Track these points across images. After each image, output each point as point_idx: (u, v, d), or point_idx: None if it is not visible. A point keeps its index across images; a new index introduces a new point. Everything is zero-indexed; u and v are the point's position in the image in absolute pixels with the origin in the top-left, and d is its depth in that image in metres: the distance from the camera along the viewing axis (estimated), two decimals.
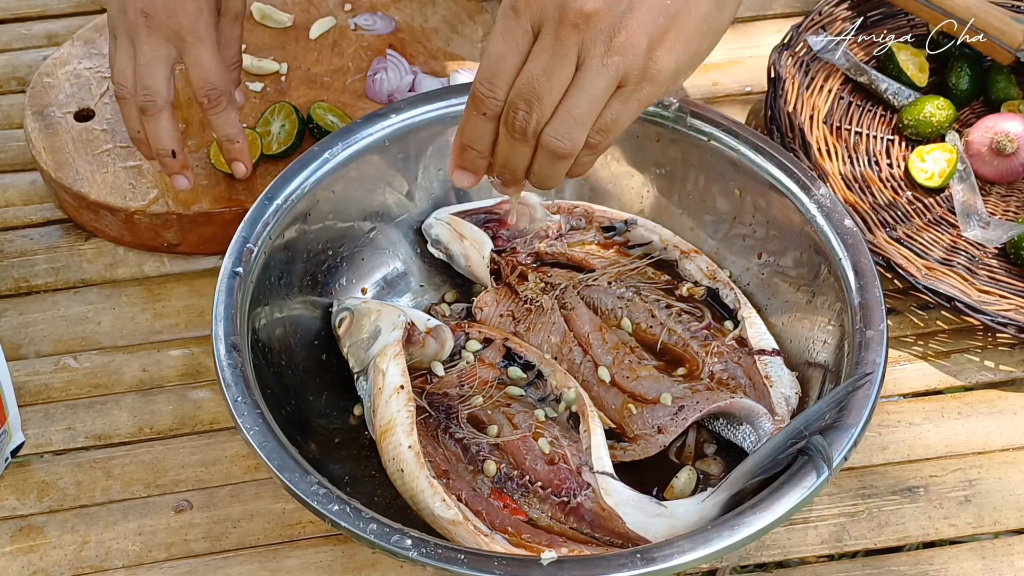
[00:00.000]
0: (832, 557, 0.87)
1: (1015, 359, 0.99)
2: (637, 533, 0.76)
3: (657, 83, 0.70)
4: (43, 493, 0.90)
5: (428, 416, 0.83)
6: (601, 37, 0.67)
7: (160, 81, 0.93)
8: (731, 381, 0.86)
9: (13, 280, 1.05)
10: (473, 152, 0.75)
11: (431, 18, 1.22)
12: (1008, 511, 0.89)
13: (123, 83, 0.94)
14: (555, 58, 0.68)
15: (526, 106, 0.70)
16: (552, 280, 0.93)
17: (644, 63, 0.68)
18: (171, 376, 0.98)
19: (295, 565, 0.86)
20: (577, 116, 0.70)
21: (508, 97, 0.71)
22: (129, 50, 0.93)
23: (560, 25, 0.68)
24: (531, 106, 0.70)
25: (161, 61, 0.93)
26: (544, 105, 0.70)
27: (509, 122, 0.71)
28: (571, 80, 0.69)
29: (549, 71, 0.69)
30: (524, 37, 0.69)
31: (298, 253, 0.92)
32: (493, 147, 0.74)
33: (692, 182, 0.97)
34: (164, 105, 0.93)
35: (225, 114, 0.96)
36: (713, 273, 0.94)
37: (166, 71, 0.93)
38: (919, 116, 1.10)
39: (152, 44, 0.92)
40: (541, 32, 0.69)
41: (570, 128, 0.70)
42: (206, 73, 0.94)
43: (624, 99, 0.70)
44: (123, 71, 0.94)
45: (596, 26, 0.67)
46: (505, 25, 0.70)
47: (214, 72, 0.94)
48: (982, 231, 1.05)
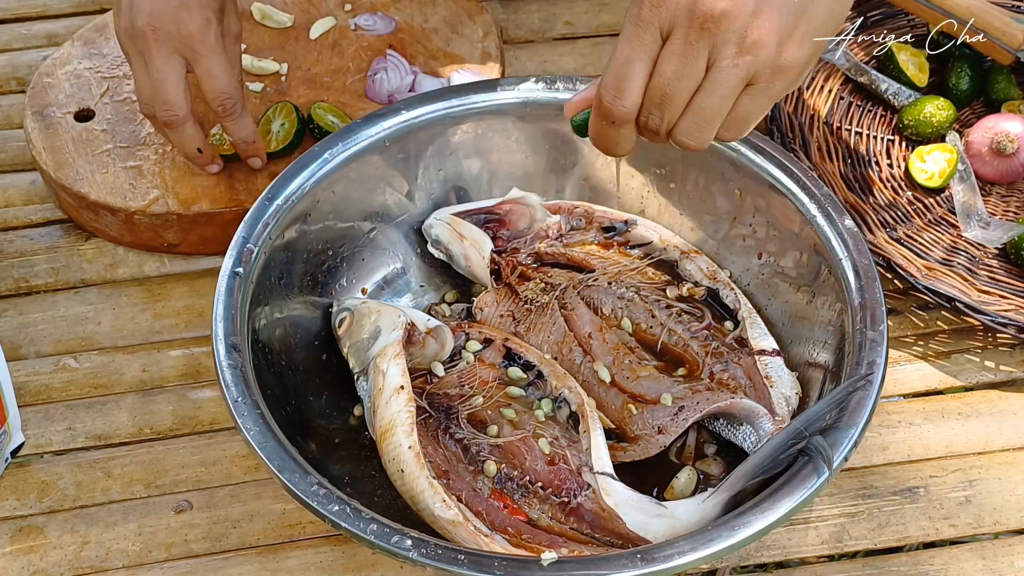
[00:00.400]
0: (832, 557, 0.87)
1: (1015, 359, 0.99)
2: (637, 533, 0.76)
3: (789, 77, 0.71)
4: (43, 493, 0.90)
5: (428, 416, 0.83)
6: (732, 38, 0.69)
7: (177, 94, 0.96)
8: (731, 381, 0.86)
9: (13, 280, 1.05)
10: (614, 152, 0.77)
11: (431, 18, 1.22)
12: (1008, 511, 0.89)
13: (145, 101, 0.98)
14: (686, 60, 0.70)
15: (659, 111, 0.72)
16: (552, 280, 0.93)
17: (775, 60, 0.70)
18: (171, 376, 0.98)
19: (295, 565, 0.86)
20: (707, 115, 0.72)
21: (643, 101, 0.72)
22: (142, 67, 0.95)
23: (690, 29, 0.69)
24: (664, 110, 0.72)
25: (173, 73, 0.95)
26: (676, 107, 0.72)
27: (643, 125, 0.73)
28: (702, 80, 0.71)
29: (680, 74, 0.70)
30: (653, 43, 0.71)
31: (298, 253, 0.92)
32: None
33: (692, 182, 0.97)
34: (185, 116, 0.97)
35: (240, 120, 1.00)
36: (713, 273, 0.94)
37: (180, 83, 0.96)
38: (919, 116, 1.10)
39: (163, 57, 0.94)
40: (671, 36, 0.70)
41: (700, 127, 0.72)
42: (219, 83, 0.96)
43: (756, 95, 0.72)
44: (142, 90, 0.97)
45: (727, 28, 0.68)
46: (633, 33, 0.71)
47: (226, 81, 0.97)
48: (982, 231, 1.05)
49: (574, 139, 0.99)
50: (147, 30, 0.93)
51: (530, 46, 1.27)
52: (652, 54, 0.71)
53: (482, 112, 0.97)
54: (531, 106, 0.97)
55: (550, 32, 1.28)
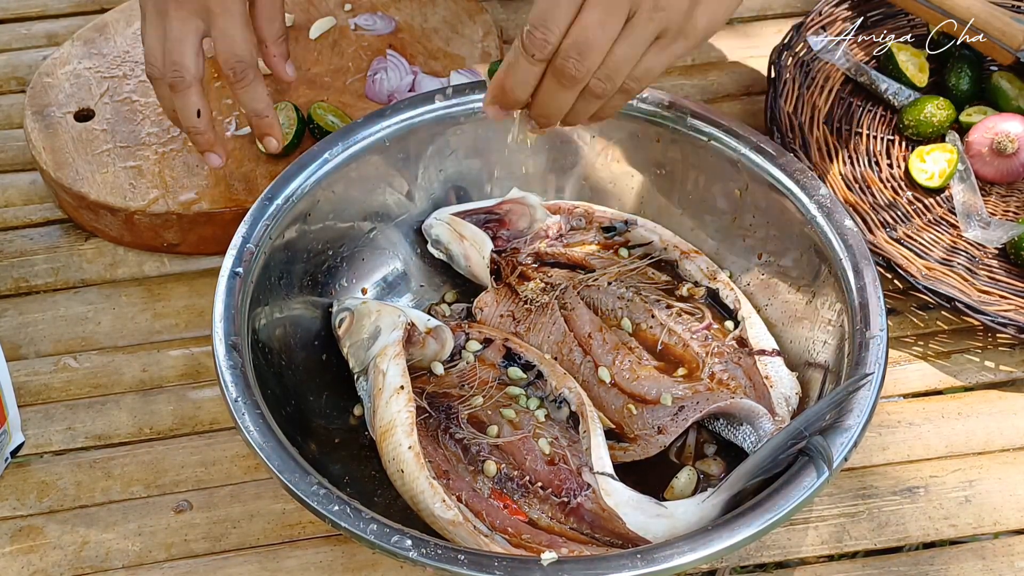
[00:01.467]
0: (832, 557, 0.87)
1: (1015, 359, 0.99)
2: (637, 533, 0.76)
3: (691, 39, 0.76)
4: (43, 493, 0.90)
5: (428, 416, 0.83)
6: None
7: (188, 56, 0.92)
8: (731, 381, 0.86)
9: (13, 280, 1.05)
10: (515, 93, 0.77)
11: (431, 18, 1.22)
12: (1008, 511, 0.89)
13: (153, 62, 0.93)
14: (610, 10, 0.73)
15: (578, 56, 0.74)
16: (552, 280, 0.93)
17: (683, 20, 0.74)
18: (171, 376, 0.98)
19: (295, 565, 0.86)
20: (620, 62, 0.75)
21: (561, 45, 0.74)
22: (159, 27, 0.92)
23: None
24: (583, 56, 0.74)
25: (189, 35, 0.91)
26: (595, 55, 0.74)
27: (559, 70, 0.75)
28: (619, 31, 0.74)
29: (603, 22, 0.73)
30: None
31: (298, 253, 0.92)
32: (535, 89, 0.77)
33: (692, 182, 0.97)
34: (192, 81, 0.92)
35: (252, 88, 0.95)
36: (713, 273, 0.94)
37: (195, 46, 0.92)
38: (920, 116, 1.10)
39: (181, 18, 0.91)
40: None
41: (610, 73, 0.75)
42: (232, 45, 0.92)
43: (660, 50, 0.76)
44: (152, 49, 0.93)
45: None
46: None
47: (241, 44, 0.93)
48: (982, 231, 1.05)
49: (574, 139, 0.99)
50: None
51: None
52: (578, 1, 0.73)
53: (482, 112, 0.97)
54: None
55: None
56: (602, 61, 0.74)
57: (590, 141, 0.99)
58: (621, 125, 0.97)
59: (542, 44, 0.74)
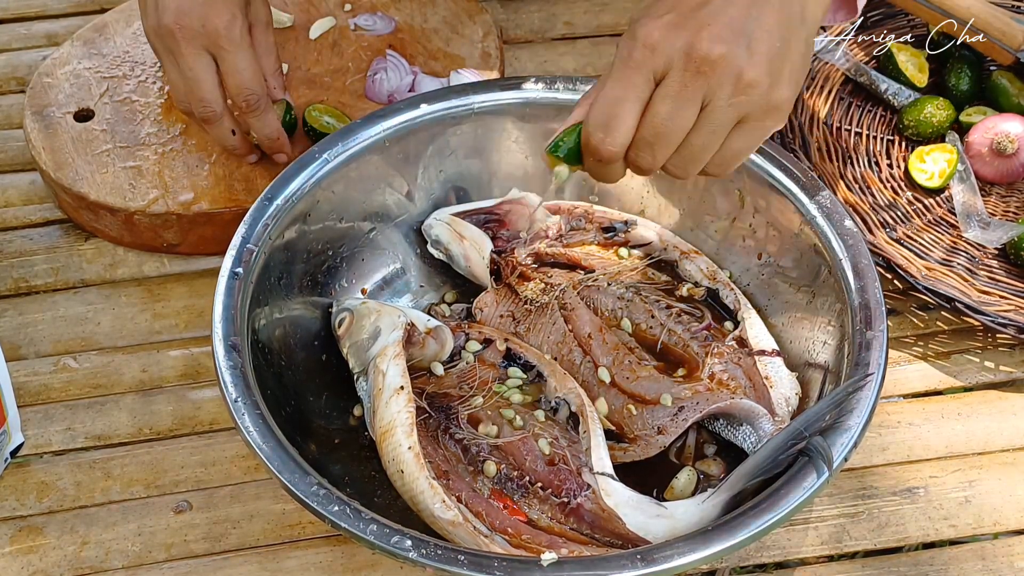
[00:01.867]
0: (832, 558, 0.87)
1: (1015, 359, 0.99)
2: (637, 534, 0.76)
3: (780, 114, 0.74)
4: (43, 493, 0.90)
5: (428, 417, 0.83)
6: (727, 81, 0.71)
7: (211, 92, 0.96)
8: (731, 382, 0.86)
9: (13, 280, 1.05)
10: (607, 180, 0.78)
11: (431, 18, 1.22)
12: (1008, 511, 0.89)
13: (180, 99, 0.98)
14: (680, 102, 0.71)
15: (650, 150, 0.73)
16: (552, 280, 0.93)
17: (767, 99, 0.72)
18: (171, 376, 0.98)
19: (295, 565, 0.86)
20: (697, 152, 0.74)
21: (633, 140, 0.73)
22: (175, 66, 0.96)
23: (686, 72, 0.71)
24: (656, 150, 0.73)
25: (204, 71, 0.95)
26: (669, 145, 0.73)
27: (634, 163, 0.75)
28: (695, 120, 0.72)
29: (674, 115, 0.72)
30: (645, 85, 0.72)
31: (298, 253, 0.92)
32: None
33: (692, 182, 0.97)
34: (222, 112, 0.98)
35: (264, 116, 1.00)
36: (713, 273, 0.94)
37: (213, 80, 0.96)
38: (920, 116, 1.10)
39: (192, 55, 0.95)
40: (666, 79, 0.71)
41: (689, 162, 0.74)
42: (243, 79, 0.97)
43: (748, 132, 0.74)
44: (176, 88, 0.98)
45: (723, 71, 0.70)
46: (624, 75, 0.72)
47: (251, 77, 0.97)
48: (982, 231, 1.05)
49: None
50: (174, 28, 0.93)
51: (530, 46, 1.27)
52: (644, 96, 0.72)
53: (482, 112, 0.97)
54: (531, 106, 0.97)
55: (550, 32, 1.28)
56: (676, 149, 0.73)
57: None
58: None
59: (606, 150, 0.74)
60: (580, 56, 1.26)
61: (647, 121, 0.72)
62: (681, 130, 0.72)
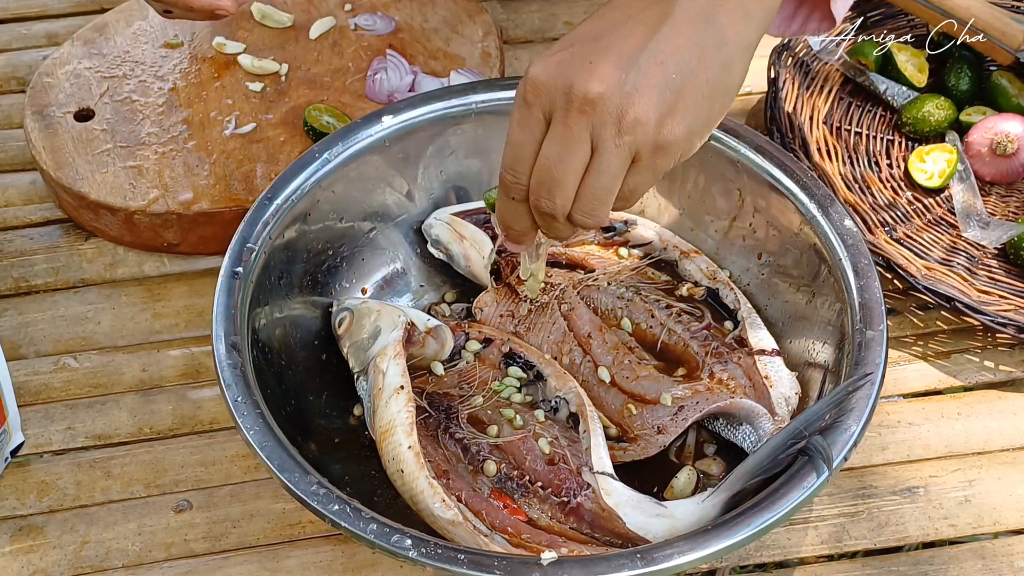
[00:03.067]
0: (832, 557, 0.87)
1: (1015, 359, 0.99)
2: (637, 533, 0.76)
3: (671, 152, 0.71)
4: (43, 493, 0.90)
5: (428, 416, 0.83)
6: (610, 120, 0.68)
7: None
8: (731, 381, 0.86)
9: (13, 280, 1.05)
10: (516, 227, 0.77)
11: (431, 18, 1.22)
12: (1008, 511, 0.89)
13: None
14: (567, 144, 0.70)
15: (548, 193, 0.72)
16: (552, 280, 0.93)
17: (655, 137, 0.69)
18: (171, 376, 0.98)
19: (295, 565, 0.86)
20: (599, 195, 0.71)
21: (530, 183, 0.73)
22: None
23: (568, 112, 0.69)
24: (552, 192, 0.71)
25: None
26: (565, 188, 0.71)
27: (536, 207, 0.73)
28: (588, 161, 0.70)
29: (563, 157, 0.70)
30: (537, 125, 0.71)
31: (298, 253, 0.92)
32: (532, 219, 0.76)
33: (692, 182, 0.97)
34: None
35: None
36: (713, 273, 0.94)
37: None
38: (919, 114, 1.10)
39: None
40: (552, 120, 0.70)
41: (595, 207, 0.72)
42: None
43: (640, 172, 0.71)
44: None
45: (603, 110, 0.68)
46: (519, 116, 0.72)
47: None
48: (982, 231, 1.05)
49: None
50: None
51: (530, 46, 1.27)
52: (538, 136, 0.71)
53: (482, 112, 0.97)
54: None
55: (550, 32, 1.28)
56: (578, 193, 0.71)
57: None
58: None
59: (515, 186, 0.73)
60: None
61: (538, 166, 0.71)
62: (574, 172, 0.70)
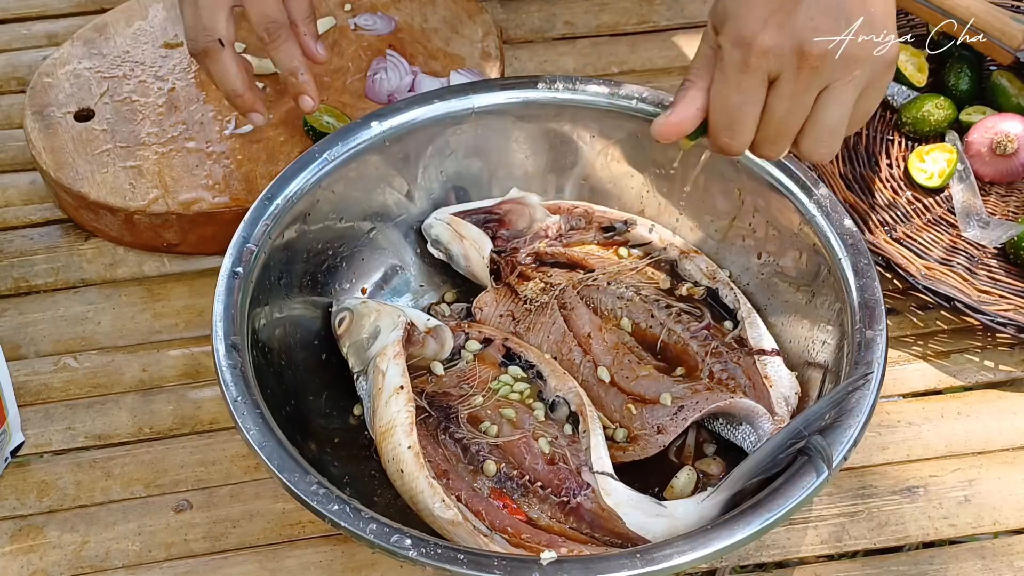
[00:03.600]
0: (832, 557, 0.87)
1: (1015, 359, 0.99)
2: (637, 533, 0.76)
3: (893, 65, 0.76)
4: (43, 493, 0.90)
5: (428, 416, 0.83)
6: (839, 67, 0.73)
7: (220, 21, 0.92)
8: (730, 381, 0.86)
9: (13, 280, 1.05)
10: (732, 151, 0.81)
11: (431, 18, 1.22)
12: (1008, 511, 0.89)
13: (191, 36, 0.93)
14: (796, 99, 0.75)
15: (773, 144, 0.78)
16: (552, 280, 0.93)
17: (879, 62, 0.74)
18: (171, 376, 0.98)
19: (295, 565, 0.86)
20: (832, 126, 0.76)
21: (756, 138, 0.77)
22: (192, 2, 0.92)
23: (800, 71, 0.73)
24: (778, 142, 0.78)
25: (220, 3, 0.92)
26: (790, 136, 0.77)
27: (758, 154, 0.80)
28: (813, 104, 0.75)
29: (792, 111, 0.75)
30: (761, 87, 0.75)
31: (298, 253, 0.92)
32: None
33: (692, 182, 0.97)
34: (227, 43, 0.93)
35: (286, 47, 0.96)
36: (713, 273, 0.94)
37: (225, 12, 0.92)
38: (918, 114, 1.10)
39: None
40: (780, 79, 0.75)
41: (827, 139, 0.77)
42: (264, 7, 0.93)
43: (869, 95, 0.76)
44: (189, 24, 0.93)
45: (833, 61, 0.73)
46: (739, 79, 0.75)
47: (272, 5, 0.93)
48: (982, 231, 1.05)
49: (573, 139, 0.99)
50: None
51: (530, 46, 1.27)
52: (761, 98, 0.76)
53: (482, 112, 0.97)
54: (531, 106, 0.97)
55: (550, 32, 1.29)
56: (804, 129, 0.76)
57: (590, 141, 0.99)
58: (621, 125, 0.97)
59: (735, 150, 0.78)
60: (580, 56, 1.26)
61: (768, 121, 0.76)
62: (800, 121, 0.76)
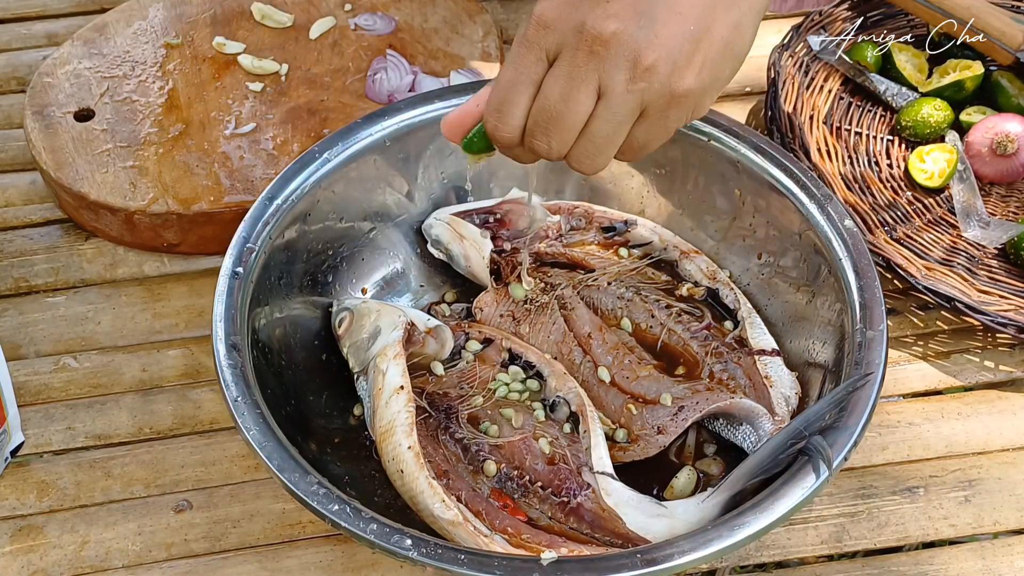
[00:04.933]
0: (832, 557, 0.87)
1: (1015, 359, 0.99)
2: (637, 533, 0.76)
3: (683, 106, 0.68)
4: (43, 493, 0.90)
5: (428, 416, 0.83)
6: (622, 63, 0.65)
7: None
8: (731, 381, 0.86)
9: (13, 280, 1.05)
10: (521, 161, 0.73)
11: (431, 18, 1.22)
12: (1008, 511, 0.89)
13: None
14: (573, 83, 0.66)
15: (544, 135, 0.68)
16: (552, 280, 0.93)
17: (669, 88, 0.66)
18: (171, 376, 0.98)
19: (295, 565, 0.86)
20: (600, 142, 0.68)
21: (526, 125, 0.69)
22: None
23: (578, 51, 0.66)
24: (549, 134, 0.68)
25: None
26: (564, 130, 0.68)
27: (528, 148, 0.70)
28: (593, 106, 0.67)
29: (567, 96, 0.66)
30: (538, 64, 0.67)
31: (298, 253, 0.92)
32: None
33: (692, 182, 0.97)
34: None
35: None
36: (713, 273, 0.94)
37: None
38: (917, 118, 1.10)
39: None
40: (558, 58, 0.67)
41: (593, 154, 0.69)
42: None
43: (650, 124, 0.68)
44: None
45: (617, 52, 0.65)
46: (517, 53, 0.68)
47: None
48: (982, 231, 1.05)
49: None
50: None
51: None
52: (536, 77, 0.67)
53: None
54: None
55: None
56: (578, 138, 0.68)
57: None
58: None
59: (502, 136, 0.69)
60: None
61: (538, 103, 0.67)
62: (575, 115, 0.67)
